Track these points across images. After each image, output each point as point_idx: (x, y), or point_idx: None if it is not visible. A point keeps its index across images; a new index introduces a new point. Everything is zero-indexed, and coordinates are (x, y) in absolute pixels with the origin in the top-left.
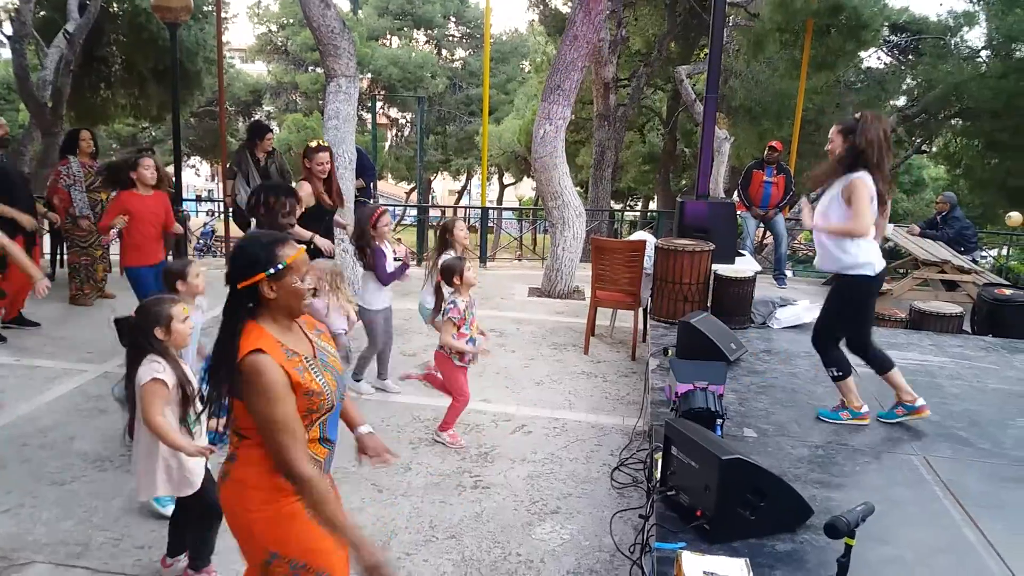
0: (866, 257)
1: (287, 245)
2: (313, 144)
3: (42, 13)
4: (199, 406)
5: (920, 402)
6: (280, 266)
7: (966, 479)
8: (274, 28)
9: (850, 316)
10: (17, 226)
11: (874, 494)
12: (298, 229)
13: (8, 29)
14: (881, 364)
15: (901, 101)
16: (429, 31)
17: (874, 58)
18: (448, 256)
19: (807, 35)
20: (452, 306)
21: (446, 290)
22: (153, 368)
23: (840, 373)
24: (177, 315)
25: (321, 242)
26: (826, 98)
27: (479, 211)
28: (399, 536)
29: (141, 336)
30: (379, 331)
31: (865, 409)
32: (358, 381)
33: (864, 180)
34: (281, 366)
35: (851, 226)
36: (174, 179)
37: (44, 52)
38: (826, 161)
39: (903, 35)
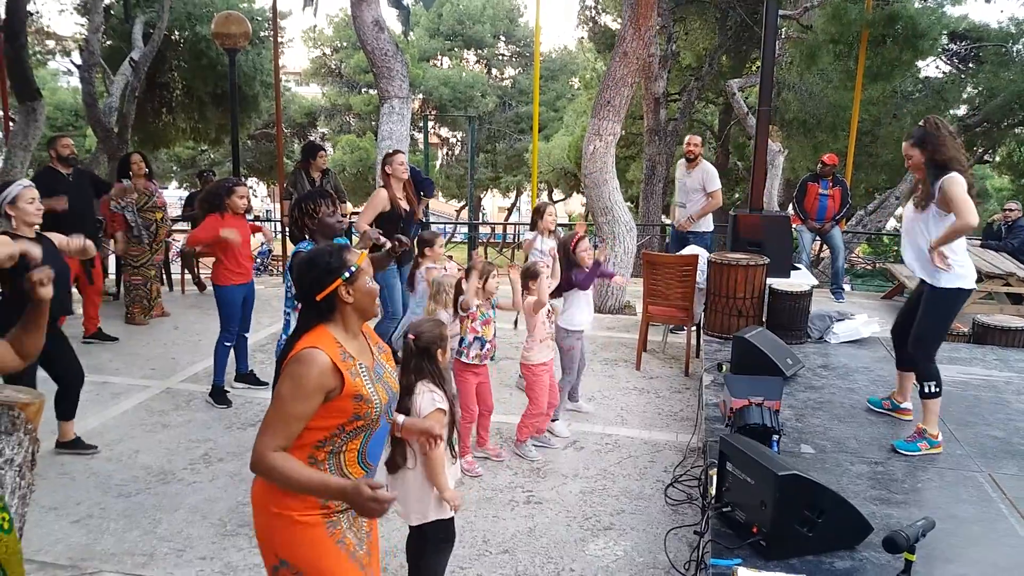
0: (963, 270)
1: (349, 250)
2: (390, 151)
3: (108, 43)
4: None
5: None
6: (353, 268)
7: None
8: (328, 52)
9: (945, 326)
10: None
11: (936, 512)
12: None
13: (78, 59)
14: (911, 363)
15: (962, 110)
16: (479, 51)
17: (932, 67)
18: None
19: (862, 46)
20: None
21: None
22: (434, 399)
23: (938, 389)
24: (448, 338)
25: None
26: (882, 109)
27: (528, 227)
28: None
29: (425, 359)
30: (577, 357)
31: (941, 438)
32: (554, 421)
33: (955, 178)
34: (334, 364)
35: (959, 224)
36: None
37: (110, 80)
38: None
39: (963, 43)
